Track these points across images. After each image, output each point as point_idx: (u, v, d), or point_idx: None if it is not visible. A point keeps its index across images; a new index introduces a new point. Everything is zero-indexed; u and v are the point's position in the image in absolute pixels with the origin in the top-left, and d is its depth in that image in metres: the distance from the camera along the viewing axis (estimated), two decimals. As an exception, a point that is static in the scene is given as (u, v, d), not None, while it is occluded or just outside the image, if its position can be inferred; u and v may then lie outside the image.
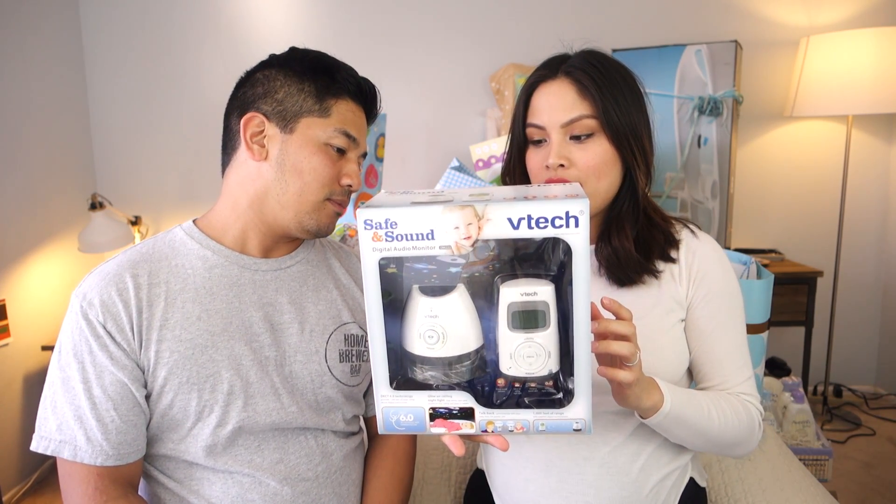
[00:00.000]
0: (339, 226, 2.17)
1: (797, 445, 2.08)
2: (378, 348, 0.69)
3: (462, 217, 0.64)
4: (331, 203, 0.93)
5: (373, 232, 0.65)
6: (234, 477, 0.87)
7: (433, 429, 0.71)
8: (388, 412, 0.70)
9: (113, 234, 2.47)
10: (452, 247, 0.65)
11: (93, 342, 0.83)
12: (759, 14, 2.68)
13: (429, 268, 0.66)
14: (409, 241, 0.65)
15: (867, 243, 2.84)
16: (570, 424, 0.69)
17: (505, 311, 0.67)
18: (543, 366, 0.68)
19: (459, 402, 0.69)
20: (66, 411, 0.82)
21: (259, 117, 0.90)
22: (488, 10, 2.72)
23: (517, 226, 0.63)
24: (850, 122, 2.56)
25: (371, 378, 1.04)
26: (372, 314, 0.68)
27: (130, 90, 2.72)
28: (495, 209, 0.63)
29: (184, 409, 0.85)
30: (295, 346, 0.92)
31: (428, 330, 0.67)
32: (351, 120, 0.93)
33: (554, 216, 0.63)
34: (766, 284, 1.40)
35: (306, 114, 0.90)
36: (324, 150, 0.90)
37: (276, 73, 0.92)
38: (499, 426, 0.70)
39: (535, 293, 0.66)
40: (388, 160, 2.55)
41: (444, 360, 0.68)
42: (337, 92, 0.92)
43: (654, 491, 0.95)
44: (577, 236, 0.63)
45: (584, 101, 0.90)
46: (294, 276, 0.96)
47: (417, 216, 0.64)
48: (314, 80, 0.91)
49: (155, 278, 0.87)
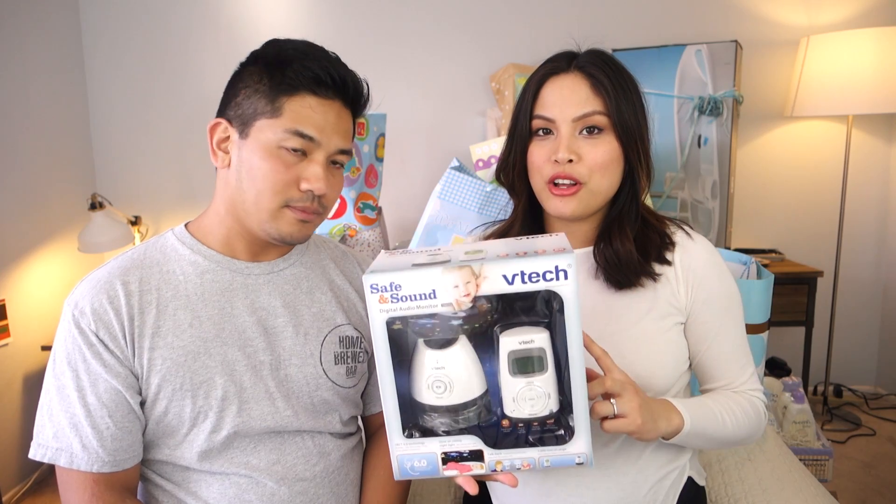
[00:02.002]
0: (339, 226, 2.17)
1: (797, 445, 2.08)
2: (390, 401, 0.73)
3: (461, 277, 0.69)
4: (290, 210, 0.86)
5: (379, 295, 0.70)
6: (230, 478, 0.87)
7: (446, 472, 0.75)
8: (402, 459, 0.75)
9: (113, 234, 2.47)
10: (453, 304, 0.70)
11: (86, 350, 0.82)
12: (759, 14, 2.68)
13: (432, 322, 0.71)
14: (414, 301, 0.70)
15: (867, 243, 2.84)
16: (572, 459, 0.74)
17: (505, 358, 0.72)
18: (545, 406, 0.73)
19: (469, 445, 0.74)
20: (61, 419, 0.82)
21: (223, 123, 0.88)
22: (488, 10, 2.72)
23: (511, 281, 0.69)
24: (850, 122, 2.56)
25: (368, 378, 1.04)
26: (382, 370, 0.72)
27: (130, 90, 2.72)
28: (491, 268, 0.69)
29: (178, 416, 0.85)
30: (290, 349, 0.92)
31: (435, 381, 0.72)
32: (307, 117, 0.84)
33: (545, 270, 0.68)
34: (766, 284, 1.40)
35: (260, 115, 0.84)
36: (275, 155, 0.84)
37: (243, 73, 0.87)
38: (507, 465, 0.74)
39: (532, 340, 0.71)
40: (388, 160, 2.55)
41: (452, 407, 0.73)
42: (288, 88, 0.84)
43: (651, 492, 0.95)
44: (567, 287, 0.69)
45: (597, 97, 0.90)
46: (287, 280, 0.95)
47: (419, 279, 0.69)
48: (270, 76, 0.84)
49: (146, 285, 0.87)
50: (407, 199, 2.69)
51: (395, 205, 2.67)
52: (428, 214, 2.15)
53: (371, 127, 1.98)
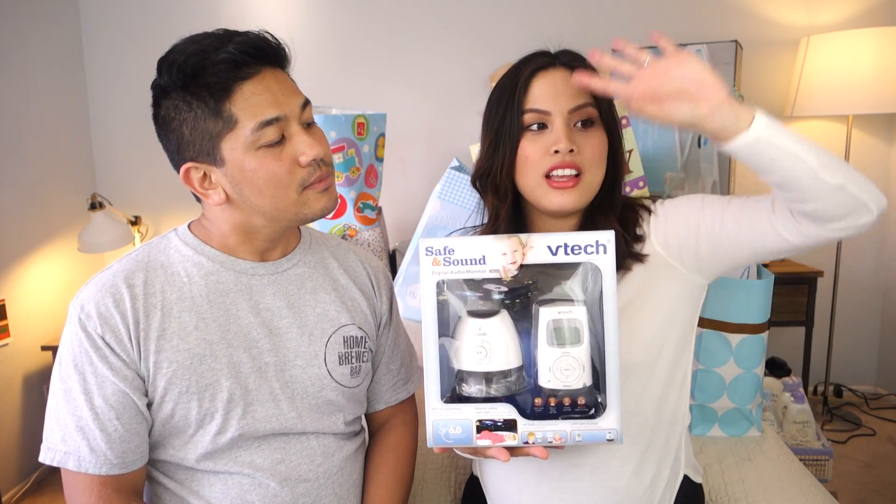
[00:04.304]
0: (339, 226, 2.17)
1: (797, 445, 2.07)
2: (432, 363, 0.77)
3: (509, 245, 0.75)
4: (309, 189, 0.86)
5: (433, 258, 0.76)
6: (234, 478, 0.87)
7: (479, 441, 0.77)
8: (437, 425, 0.77)
9: (113, 234, 2.47)
10: (500, 271, 0.75)
11: (93, 354, 0.82)
12: (759, 14, 2.68)
13: (475, 294, 0.76)
14: (464, 266, 0.75)
15: (867, 243, 2.84)
16: (603, 434, 0.76)
17: (544, 328, 0.76)
18: (578, 378, 0.75)
19: (504, 414, 0.76)
20: (68, 423, 0.82)
21: (191, 166, 0.84)
22: (488, 10, 2.72)
23: (555, 252, 0.75)
24: (850, 121, 2.56)
25: (372, 376, 1.04)
26: (428, 333, 0.76)
27: (130, 90, 2.72)
28: (537, 239, 0.75)
29: (185, 418, 0.85)
30: (294, 350, 0.92)
31: (476, 346, 0.76)
32: (257, 103, 0.80)
33: (586, 244, 0.75)
34: (766, 284, 1.40)
35: (218, 136, 0.81)
36: (261, 154, 0.81)
37: (168, 106, 0.83)
38: (539, 437, 0.76)
39: (571, 312, 0.75)
40: (388, 160, 2.55)
41: (490, 374, 0.76)
42: (221, 92, 0.79)
43: (647, 493, 0.95)
44: (606, 261, 0.74)
45: (585, 91, 0.91)
46: (291, 280, 0.95)
47: (471, 244, 0.75)
48: (197, 94, 0.80)
49: (151, 288, 0.86)
50: (407, 199, 2.69)
51: (395, 205, 2.66)
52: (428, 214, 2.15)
53: (371, 127, 1.98)
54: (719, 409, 1.44)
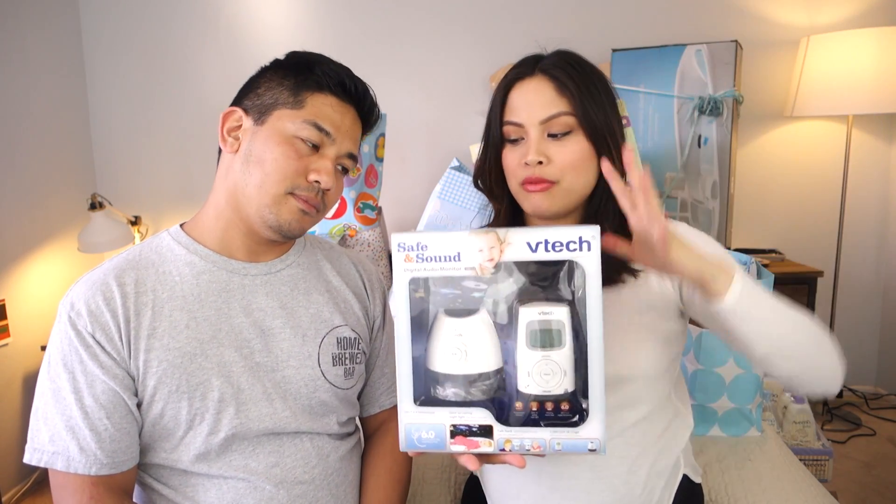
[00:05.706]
0: (339, 226, 2.17)
1: (797, 445, 2.07)
2: (404, 364, 0.72)
3: (486, 241, 0.69)
4: (294, 198, 0.88)
5: (405, 254, 0.71)
6: (228, 482, 0.87)
7: (453, 446, 0.73)
8: (409, 429, 0.73)
9: (113, 234, 2.47)
10: (477, 268, 0.70)
11: (82, 352, 0.82)
12: (759, 14, 2.68)
13: (454, 292, 0.71)
14: (438, 262, 0.70)
15: (867, 243, 2.84)
16: (585, 444, 0.71)
17: (524, 329, 0.71)
18: (559, 384, 0.71)
19: (479, 419, 0.72)
20: (57, 422, 0.81)
21: (238, 112, 0.91)
22: (488, 10, 2.72)
23: (535, 249, 0.69)
24: (851, 122, 2.56)
25: (365, 379, 1.04)
26: (400, 332, 0.72)
27: (130, 90, 2.72)
28: (515, 234, 0.69)
29: (174, 418, 0.84)
30: (287, 351, 0.91)
31: (452, 347, 0.72)
32: (327, 115, 0.89)
33: (568, 240, 0.69)
34: (767, 285, 1.40)
35: (280, 106, 0.89)
36: (289, 142, 0.87)
37: (267, 71, 0.93)
38: (516, 444, 0.72)
39: (552, 313, 0.70)
40: (388, 160, 2.55)
41: (467, 377, 0.72)
42: (314, 85, 0.89)
43: (646, 491, 0.95)
44: (590, 259, 0.68)
45: (562, 99, 0.90)
46: (284, 281, 0.95)
47: (446, 240, 0.70)
48: (295, 74, 0.90)
49: (142, 286, 0.86)
50: (407, 199, 2.69)
51: (395, 205, 2.67)
52: (428, 214, 2.15)
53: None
54: (719, 409, 1.44)
